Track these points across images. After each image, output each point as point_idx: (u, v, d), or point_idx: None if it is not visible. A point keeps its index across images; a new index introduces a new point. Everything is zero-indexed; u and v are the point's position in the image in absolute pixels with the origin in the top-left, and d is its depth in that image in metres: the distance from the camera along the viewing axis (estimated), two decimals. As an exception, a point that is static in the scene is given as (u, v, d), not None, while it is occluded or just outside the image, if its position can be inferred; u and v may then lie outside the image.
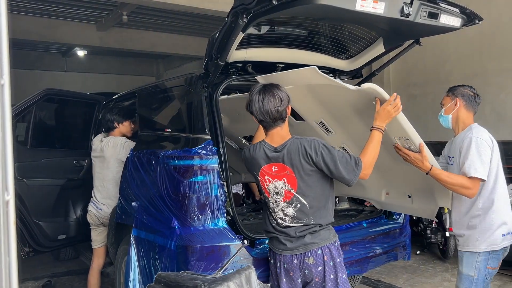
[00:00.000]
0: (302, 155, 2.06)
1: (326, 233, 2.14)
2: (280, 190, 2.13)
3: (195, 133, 2.70)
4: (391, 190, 2.90)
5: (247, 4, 2.19)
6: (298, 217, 2.12)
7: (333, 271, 2.10)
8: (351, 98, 2.36)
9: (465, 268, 2.37)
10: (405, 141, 2.29)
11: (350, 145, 2.78)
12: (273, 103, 2.09)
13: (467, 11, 2.57)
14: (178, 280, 1.51)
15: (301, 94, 2.51)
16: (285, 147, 2.11)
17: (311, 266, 2.10)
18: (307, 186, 2.09)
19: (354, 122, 2.53)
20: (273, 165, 2.14)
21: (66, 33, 9.12)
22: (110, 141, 3.41)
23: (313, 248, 2.10)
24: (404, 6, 2.32)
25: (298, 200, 2.11)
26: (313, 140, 2.09)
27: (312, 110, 2.66)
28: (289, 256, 2.14)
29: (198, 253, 2.45)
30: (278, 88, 2.15)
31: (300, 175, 2.08)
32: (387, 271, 4.64)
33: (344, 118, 2.59)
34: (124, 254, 3.14)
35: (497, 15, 6.16)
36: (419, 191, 2.69)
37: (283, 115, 2.14)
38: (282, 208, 2.15)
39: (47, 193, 3.64)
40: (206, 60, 2.67)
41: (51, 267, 4.98)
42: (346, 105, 2.45)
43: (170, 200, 2.60)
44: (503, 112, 6.03)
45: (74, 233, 3.88)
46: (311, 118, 2.74)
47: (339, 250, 2.17)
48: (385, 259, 3.12)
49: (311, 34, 3.13)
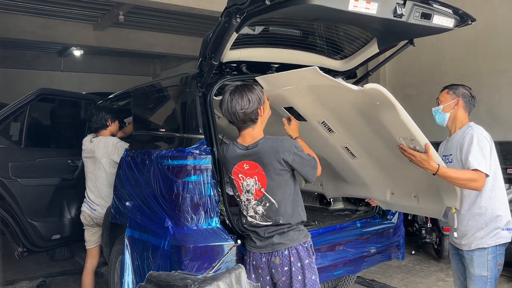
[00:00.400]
0: (274, 155, 2.10)
1: (295, 234, 2.16)
2: (251, 188, 2.18)
3: (189, 133, 2.70)
4: (396, 189, 2.85)
5: (240, 4, 2.19)
6: (267, 215, 2.16)
7: (301, 272, 2.11)
8: (353, 98, 2.30)
9: (477, 269, 2.35)
10: (410, 142, 2.23)
11: (354, 145, 2.74)
12: (240, 105, 2.11)
13: (460, 11, 2.59)
14: (169, 280, 1.51)
15: (303, 94, 2.48)
16: (256, 146, 2.14)
17: (277, 265, 2.13)
18: (276, 185, 2.13)
19: (357, 122, 2.49)
20: (244, 163, 2.18)
21: (63, 33, 9.09)
22: (101, 141, 3.40)
23: (280, 249, 2.13)
24: (397, 6, 2.33)
25: (267, 198, 2.15)
26: (285, 140, 2.15)
27: (314, 110, 2.62)
28: (258, 254, 2.20)
29: (191, 253, 2.44)
30: (250, 89, 2.16)
31: (270, 174, 2.12)
32: (382, 271, 4.66)
33: (347, 117, 2.55)
34: (118, 254, 3.13)
35: (492, 16, 6.19)
36: (425, 190, 2.63)
37: (251, 117, 2.15)
38: (253, 206, 2.20)
39: (41, 193, 3.63)
40: (200, 60, 2.68)
41: (46, 267, 4.97)
42: (348, 105, 2.41)
43: (163, 200, 2.60)
44: (497, 112, 6.06)
45: (69, 233, 3.87)
46: (313, 118, 2.69)
47: (309, 251, 2.18)
48: (379, 259, 3.13)
49: (305, 34, 3.13)
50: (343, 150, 2.82)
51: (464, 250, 2.41)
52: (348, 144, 2.76)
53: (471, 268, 2.38)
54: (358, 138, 2.66)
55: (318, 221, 3.11)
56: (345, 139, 2.73)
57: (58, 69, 12.64)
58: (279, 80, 2.37)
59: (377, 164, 2.76)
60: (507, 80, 6.09)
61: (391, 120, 2.20)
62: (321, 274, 2.74)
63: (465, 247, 2.40)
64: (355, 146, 2.74)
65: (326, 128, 2.71)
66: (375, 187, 2.96)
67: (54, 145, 4.10)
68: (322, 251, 2.77)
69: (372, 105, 2.20)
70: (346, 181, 3.15)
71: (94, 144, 3.41)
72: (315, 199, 3.85)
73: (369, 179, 2.93)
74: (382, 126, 2.29)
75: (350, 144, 2.75)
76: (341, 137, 2.72)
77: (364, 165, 2.84)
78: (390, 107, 2.10)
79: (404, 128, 2.16)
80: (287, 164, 2.11)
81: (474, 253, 2.36)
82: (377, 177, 2.85)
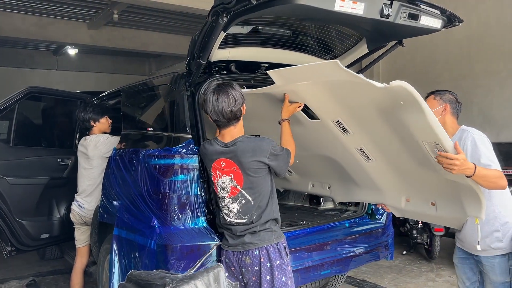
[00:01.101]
0: (252, 155, 2.13)
1: (266, 234, 2.17)
2: (227, 185, 2.21)
3: (176, 132, 2.70)
4: (412, 196, 2.59)
5: (227, 3, 2.19)
6: (242, 212, 2.19)
7: (269, 273, 2.12)
8: (374, 96, 2.07)
9: (500, 276, 2.30)
10: (435, 146, 2.00)
11: (369, 147, 2.49)
12: (227, 103, 2.12)
13: (447, 12, 2.59)
14: (148, 279, 1.50)
15: (317, 90, 2.28)
16: (234, 144, 2.17)
17: (248, 265, 2.16)
18: (253, 183, 2.16)
19: (376, 122, 2.25)
20: (221, 160, 2.21)
21: (56, 31, 9.06)
22: (93, 140, 3.41)
23: (250, 248, 2.16)
24: (384, 7, 2.34)
25: (243, 196, 2.18)
26: (263, 140, 2.19)
27: (328, 108, 2.40)
28: (230, 252, 2.23)
29: (177, 253, 2.44)
30: (233, 87, 2.18)
31: (246, 172, 2.15)
32: (372, 271, 4.67)
33: (364, 117, 2.31)
34: (106, 254, 3.12)
35: (485, 18, 6.22)
36: (444, 197, 2.38)
37: (237, 114, 2.18)
38: (227, 203, 2.23)
39: (30, 191, 3.61)
40: (188, 59, 2.68)
41: (36, 266, 4.95)
42: (367, 103, 2.17)
43: (150, 199, 2.60)
44: (490, 113, 6.09)
45: (58, 232, 3.85)
46: (327, 117, 2.47)
47: (280, 252, 2.18)
48: (367, 259, 3.13)
49: (295, 34, 3.13)
50: (357, 152, 2.58)
51: (481, 256, 2.34)
52: (363, 146, 2.51)
53: (492, 276, 2.32)
54: (375, 139, 2.42)
55: (307, 221, 3.11)
56: (361, 140, 2.49)
57: (52, 68, 12.59)
58: (295, 74, 2.21)
59: (393, 168, 2.52)
60: (499, 82, 6.12)
61: (416, 122, 1.98)
62: (308, 273, 2.77)
63: (484, 253, 2.32)
64: (371, 148, 2.50)
65: (340, 128, 2.47)
66: (389, 193, 2.70)
67: (44, 143, 4.08)
68: (309, 251, 2.77)
69: (394, 104, 1.98)
70: (358, 185, 2.90)
71: (87, 143, 3.43)
72: (305, 199, 3.85)
73: (383, 183, 2.69)
74: (404, 128, 2.08)
75: (366, 146, 2.51)
76: (356, 138, 2.49)
77: (379, 169, 2.60)
78: (416, 108, 1.89)
79: (430, 131, 1.94)
80: (264, 164, 2.15)
81: (495, 260, 2.30)
82: (392, 182, 2.60)
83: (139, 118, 3.26)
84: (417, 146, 2.09)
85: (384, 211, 3.30)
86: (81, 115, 3.48)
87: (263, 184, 2.18)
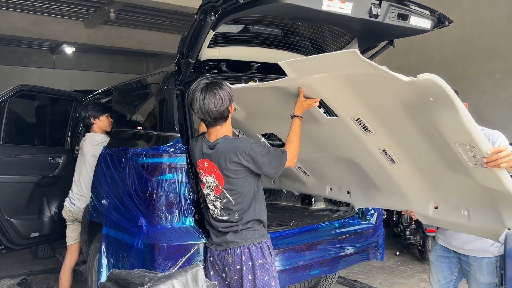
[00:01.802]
0: (228, 156, 2.11)
1: (248, 233, 2.17)
2: (211, 184, 2.22)
3: (165, 131, 2.69)
4: (441, 203, 2.33)
5: (215, 2, 2.19)
6: (223, 210, 2.21)
7: (251, 272, 2.12)
8: (399, 92, 1.85)
9: (487, 276, 2.30)
10: (470, 149, 1.77)
11: (394, 148, 2.24)
12: (213, 103, 2.11)
13: (437, 13, 2.59)
14: (128, 278, 1.49)
15: (334, 85, 2.05)
16: (215, 145, 2.17)
17: (230, 263, 2.17)
18: (233, 184, 2.16)
19: (401, 120, 2.01)
20: (205, 160, 2.22)
21: (53, 30, 9.04)
22: (89, 137, 3.42)
23: (232, 247, 2.16)
24: (372, 7, 2.33)
25: (225, 196, 2.19)
26: (241, 141, 2.16)
27: (347, 104, 2.15)
28: (214, 251, 2.24)
29: (165, 252, 2.43)
30: (221, 87, 2.16)
31: (225, 173, 2.15)
32: (365, 271, 4.67)
33: (388, 114, 2.07)
34: (96, 252, 3.11)
35: (480, 19, 6.23)
36: (478, 206, 2.11)
37: (224, 114, 2.17)
38: (212, 200, 2.24)
39: (19, 190, 3.59)
40: (178, 58, 2.67)
41: (28, 265, 4.94)
42: (392, 100, 1.94)
43: (138, 198, 2.59)
44: (484, 115, 6.08)
45: (48, 230, 3.84)
46: (346, 114, 2.22)
47: (263, 251, 2.16)
48: (357, 259, 3.13)
49: (287, 34, 3.13)
50: (380, 154, 2.33)
51: (470, 256, 2.34)
52: (386, 147, 2.26)
53: (479, 276, 2.32)
54: (400, 140, 2.18)
55: (296, 221, 3.10)
56: (384, 140, 2.23)
57: (50, 67, 12.56)
58: (308, 66, 2.00)
59: (420, 171, 2.27)
60: (493, 83, 6.13)
61: (447, 122, 1.75)
62: (296, 273, 2.76)
63: (473, 253, 2.31)
64: (395, 149, 2.24)
65: (361, 127, 2.22)
66: (415, 199, 2.44)
67: (35, 142, 4.06)
68: (298, 251, 2.76)
69: (423, 100, 1.75)
70: (380, 190, 2.66)
71: (84, 139, 3.45)
72: (297, 199, 3.84)
73: (408, 188, 2.43)
74: (433, 128, 1.85)
75: (390, 147, 2.25)
76: (379, 138, 2.23)
77: (404, 172, 2.35)
78: (448, 106, 1.65)
79: (464, 133, 1.71)
80: (241, 165, 2.12)
81: (484, 260, 2.30)
82: (419, 187, 2.35)
83: (129, 117, 3.26)
84: (448, 148, 1.86)
85: (375, 212, 3.30)
86: (82, 113, 3.50)
87: (243, 185, 2.16)
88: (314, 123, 2.43)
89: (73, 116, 4.09)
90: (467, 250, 2.36)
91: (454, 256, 2.46)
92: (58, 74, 12.45)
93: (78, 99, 4.10)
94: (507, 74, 6.00)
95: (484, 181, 1.89)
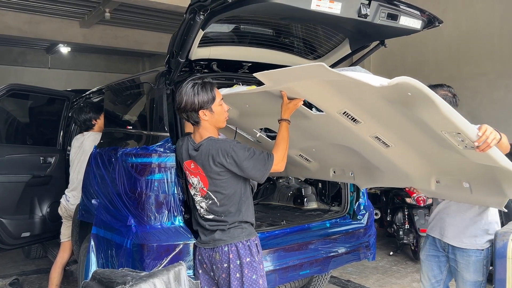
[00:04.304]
0: (212, 158, 2.10)
1: (236, 231, 2.17)
2: (196, 185, 2.22)
3: (154, 131, 2.68)
4: (442, 177, 2.39)
5: (203, 1, 2.19)
6: (210, 210, 2.21)
7: (239, 270, 2.11)
8: (378, 91, 1.86)
9: (473, 274, 2.32)
10: (457, 135, 1.85)
11: (385, 134, 2.27)
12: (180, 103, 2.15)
13: (427, 13, 2.59)
14: (111, 277, 1.49)
15: (314, 86, 2.10)
16: (199, 147, 2.16)
17: (217, 262, 2.16)
18: (218, 186, 2.15)
19: (388, 111, 2.05)
20: (191, 162, 2.22)
21: (48, 29, 9.00)
22: (91, 135, 3.42)
23: (220, 245, 2.16)
24: (362, 6, 2.33)
25: (210, 197, 2.19)
26: (224, 143, 2.13)
27: (331, 101, 2.18)
28: (203, 249, 2.24)
29: (154, 252, 2.42)
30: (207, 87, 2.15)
31: (209, 175, 2.14)
32: (358, 271, 4.67)
33: (373, 107, 2.11)
34: (86, 252, 3.10)
35: (474, 20, 6.25)
36: (478, 179, 2.18)
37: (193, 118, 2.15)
38: (198, 201, 2.24)
39: (10, 189, 3.57)
40: (168, 57, 2.67)
41: (20, 265, 4.91)
42: (374, 96, 1.97)
43: (127, 198, 2.58)
44: (478, 115, 6.10)
45: (40, 230, 3.82)
46: (332, 110, 2.24)
47: (251, 249, 2.16)
48: (348, 259, 3.12)
49: (278, 34, 3.13)
50: (373, 140, 2.36)
51: (458, 253, 2.37)
52: (378, 133, 2.30)
53: (466, 274, 2.34)
54: (390, 126, 2.21)
55: (287, 220, 3.10)
56: (374, 129, 2.27)
57: (45, 66, 12.52)
58: (282, 76, 2.07)
59: (416, 152, 2.31)
60: (487, 83, 6.15)
61: (430, 114, 1.82)
62: (286, 273, 2.75)
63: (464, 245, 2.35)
64: (387, 135, 2.28)
65: (349, 119, 2.24)
66: (416, 176, 2.49)
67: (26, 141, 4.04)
68: (288, 251, 2.76)
69: (402, 97, 1.79)
70: (382, 171, 2.70)
71: (85, 138, 3.43)
72: (289, 199, 3.85)
73: (408, 167, 2.47)
74: (419, 120, 1.92)
75: (381, 134, 2.29)
76: (369, 126, 2.26)
77: (401, 154, 2.39)
78: (427, 101, 1.71)
79: (448, 123, 1.78)
80: (224, 167, 2.10)
81: (471, 258, 2.33)
82: (418, 165, 2.40)
83: (119, 116, 3.24)
84: (437, 134, 1.92)
85: (366, 212, 3.30)
86: (81, 116, 3.47)
87: (228, 187, 2.15)
88: (303, 119, 2.45)
89: (65, 115, 4.07)
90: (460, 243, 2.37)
91: (444, 255, 2.48)
92: (53, 74, 12.41)
93: (70, 99, 4.09)
94: (501, 75, 6.02)
95: (479, 160, 1.96)
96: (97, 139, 3.35)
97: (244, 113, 2.86)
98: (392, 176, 2.66)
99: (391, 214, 5.40)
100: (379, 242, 4.99)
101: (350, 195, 3.32)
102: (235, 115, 2.87)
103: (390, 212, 5.43)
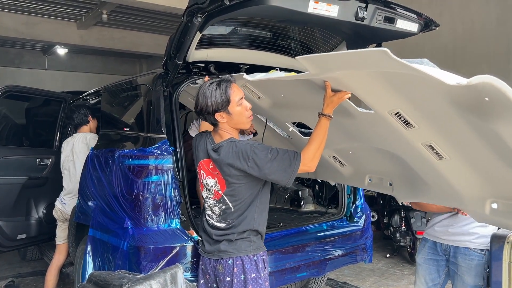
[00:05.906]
0: (230, 161, 1.96)
1: (243, 243, 2.02)
2: (211, 187, 2.09)
3: (152, 133, 2.68)
4: (501, 201, 1.98)
5: (201, 3, 2.19)
6: (222, 217, 2.07)
7: (243, 286, 1.97)
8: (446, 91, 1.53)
9: (475, 278, 2.32)
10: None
11: (441, 143, 1.91)
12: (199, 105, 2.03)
13: (423, 16, 2.61)
14: (108, 279, 1.48)
15: (366, 79, 1.80)
16: (218, 148, 2.03)
17: (220, 274, 2.04)
18: (234, 190, 2.01)
19: (450, 117, 1.70)
20: (210, 161, 2.09)
21: (45, 30, 8.99)
22: (81, 136, 3.44)
23: (225, 257, 2.03)
24: (359, 9, 2.34)
25: (224, 201, 2.05)
26: (245, 145, 1.97)
27: (383, 98, 1.86)
28: (206, 259, 2.12)
29: (150, 254, 2.42)
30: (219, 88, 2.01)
31: (227, 179, 2.01)
32: (355, 273, 4.67)
33: (433, 110, 1.76)
34: (83, 254, 3.09)
35: (470, 23, 6.28)
36: None
37: (211, 120, 2.04)
38: (211, 205, 2.11)
39: (6, 191, 3.55)
40: (165, 59, 2.67)
41: (16, 267, 4.89)
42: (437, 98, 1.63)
43: (124, 200, 2.58)
44: (474, 118, 6.14)
45: (35, 232, 3.80)
46: (383, 108, 1.91)
47: (257, 265, 2.02)
48: (345, 261, 3.13)
49: (276, 36, 3.13)
50: (425, 149, 2.00)
51: (459, 257, 2.38)
52: (433, 142, 1.94)
53: (467, 277, 2.33)
54: (449, 135, 1.86)
55: (284, 223, 3.10)
56: (429, 136, 1.92)
57: (42, 68, 12.48)
58: (331, 62, 1.78)
59: (477, 168, 1.93)
60: (484, 86, 6.17)
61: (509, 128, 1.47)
62: (283, 276, 2.75)
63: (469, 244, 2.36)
64: (443, 145, 1.92)
65: (401, 121, 1.90)
66: (469, 196, 2.11)
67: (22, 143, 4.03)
68: (285, 253, 2.76)
69: (477, 101, 1.45)
70: (427, 184, 2.31)
71: (75, 139, 3.44)
72: (286, 201, 3.85)
73: (462, 185, 2.09)
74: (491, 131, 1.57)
75: (436, 142, 1.93)
76: (423, 132, 1.91)
77: (456, 168, 2.01)
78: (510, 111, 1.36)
79: None
80: (244, 171, 1.96)
81: (473, 262, 2.34)
82: (475, 184, 2.02)
83: (116, 118, 3.24)
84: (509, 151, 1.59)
85: (363, 214, 3.31)
86: (77, 118, 3.50)
87: (245, 192, 2.01)
88: (346, 116, 2.14)
89: (62, 117, 4.06)
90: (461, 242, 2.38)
91: (443, 259, 2.48)
92: (50, 75, 12.37)
93: (67, 100, 4.08)
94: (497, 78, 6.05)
95: None
96: (87, 138, 3.37)
97: (277, 103, 2.58)
98: (439, 193, 2.28)
99: (388, 216, 5.42)
100: (376, 244, 5.01)
101: (347, 197, 3.32)
102: (267, 104, 2.61)
103: (387, 214, 5.45)
